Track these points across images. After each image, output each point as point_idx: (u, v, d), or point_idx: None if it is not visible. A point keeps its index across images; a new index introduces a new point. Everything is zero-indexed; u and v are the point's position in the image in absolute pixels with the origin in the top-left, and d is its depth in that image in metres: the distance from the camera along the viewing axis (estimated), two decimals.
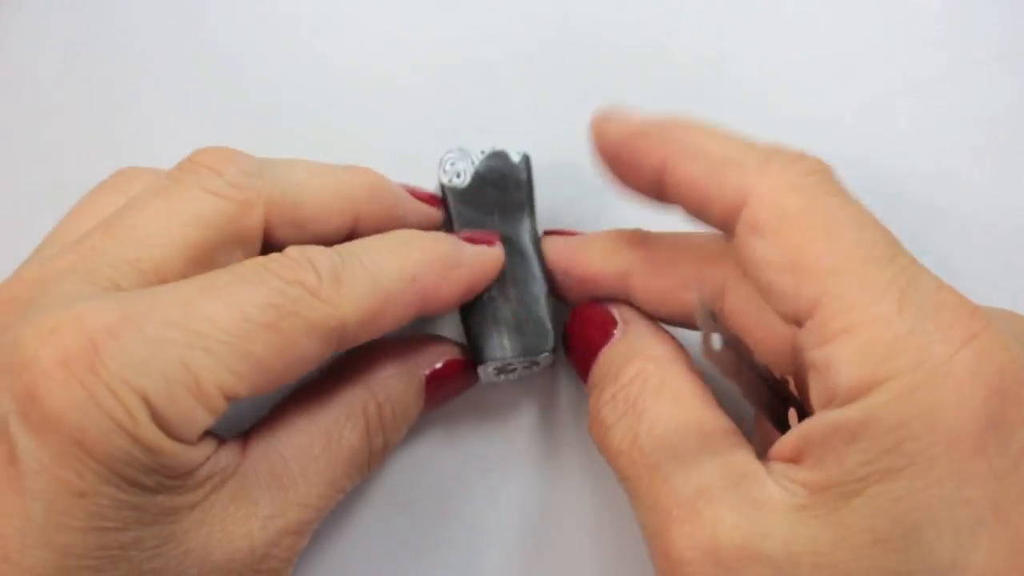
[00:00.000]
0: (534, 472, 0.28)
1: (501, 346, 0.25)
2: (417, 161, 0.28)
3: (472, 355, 0.26)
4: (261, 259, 0.21)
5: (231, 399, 0.20)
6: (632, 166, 0.23)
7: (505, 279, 0.26)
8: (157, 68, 0.31)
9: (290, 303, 0.20)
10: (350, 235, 0.24)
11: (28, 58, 0.31)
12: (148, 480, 0.19)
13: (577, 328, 0.26)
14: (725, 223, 0.21)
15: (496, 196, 0.27)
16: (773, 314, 0.20)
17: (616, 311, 0.25)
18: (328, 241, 0.23)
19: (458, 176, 0.27)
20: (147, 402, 0.18)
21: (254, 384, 0.20)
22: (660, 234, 0.25)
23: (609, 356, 0.24)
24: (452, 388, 0.26)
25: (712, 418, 0.22)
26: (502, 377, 0.27)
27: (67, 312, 0.18)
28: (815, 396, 0.19)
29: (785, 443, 0.19)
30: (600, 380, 0.24)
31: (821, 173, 0.20)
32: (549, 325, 0.26)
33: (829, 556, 0.18)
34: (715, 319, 0.19)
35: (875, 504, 0.17)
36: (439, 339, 0.26)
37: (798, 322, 0.19)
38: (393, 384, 0.24)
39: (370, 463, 0.24)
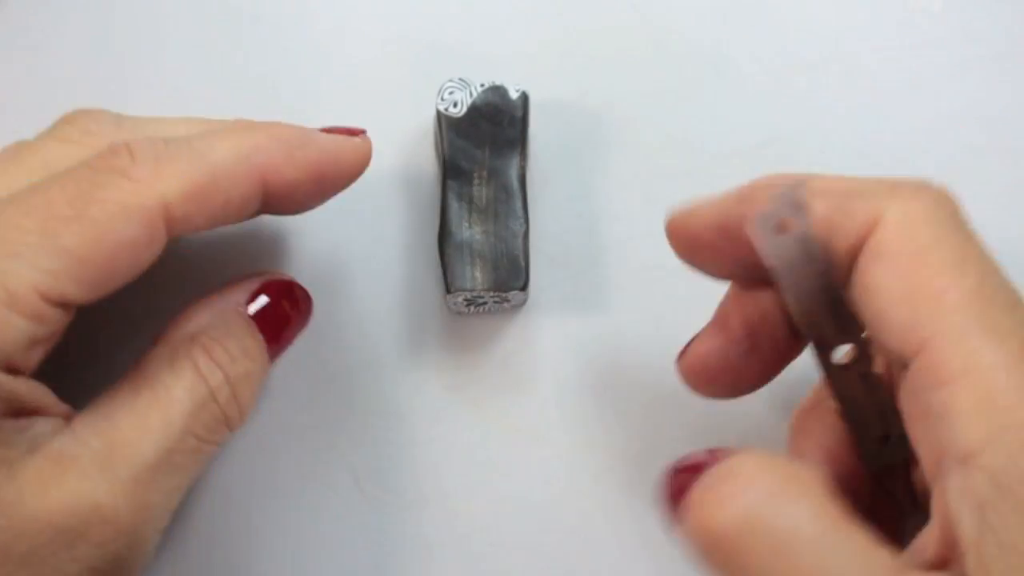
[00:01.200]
0: (535, 472, 0.28)
1: (472, 277, 0.26)
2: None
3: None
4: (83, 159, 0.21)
5: (62, 303, 0.19)
6: (738, 241, 0.20)
7: (486, 212, 0.27)
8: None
9: (98, 189, 0.19)
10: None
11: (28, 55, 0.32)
12: None
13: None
14: (853, 253, 0.19)
15: (490, 130, 0.28)
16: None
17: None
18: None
19: (455, 106, 0.28)
20: None
21: (80, 280, 0.19)
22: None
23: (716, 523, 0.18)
24: (283, 315, 0.25)
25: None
26: (471, 309, 0.27)
27: None
28: (923, 439, 0.18)
29: (926, 546, 0.18)
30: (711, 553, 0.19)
31: (952, 206, 0.19)
32: (523, 263, 0.26)
33: None
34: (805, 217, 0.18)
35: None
36: (259, 272, 0.25)
37: (902, 360, 0.18)
38: (212, 323, 0.23)
39: (219, 402, 0.22)
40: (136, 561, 0.21)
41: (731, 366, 0.22)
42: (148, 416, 0.21)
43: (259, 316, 0.24)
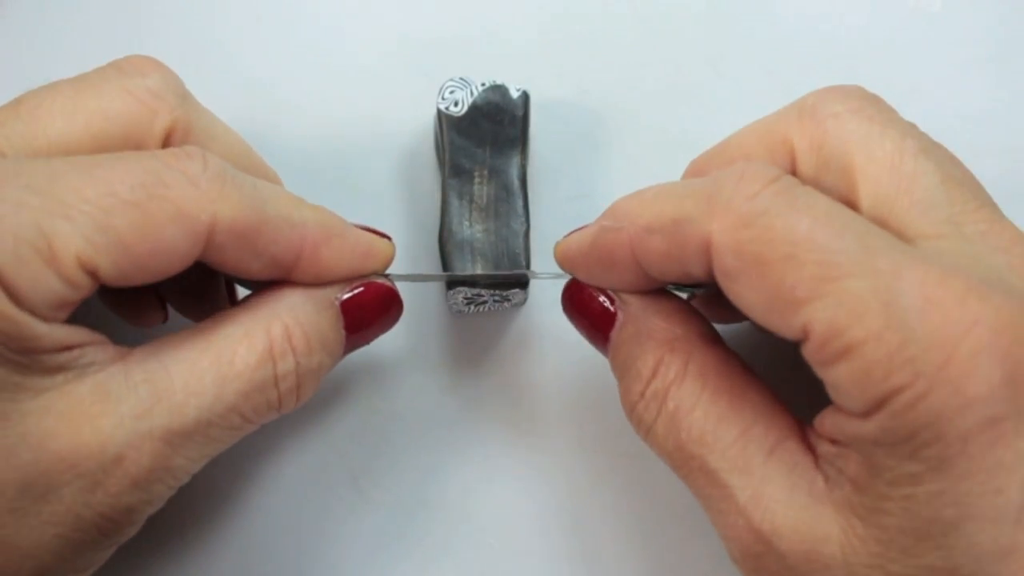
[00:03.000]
0: (535, 472, 0.28)
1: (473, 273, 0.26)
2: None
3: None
4: (152, 150, 0.21)
5: (92, 274, 0.19)
6: (617, 271, 0.22)
7: (487, 211, 0.27)
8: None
9: (162, 186, 0.20)
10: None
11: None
12: None
13: (576, 314, 0.24)
14: (707, 267, 0.20)
15: (490, 129, 0.28)
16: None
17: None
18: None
19: (456, 105, 0.28)
20: None
21: (116, 263, 0.19)
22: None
23: (621, 344, 0.23)
24: (374, 316, 0.24)
25: (745, 396, 0.21)
26: (471, 308, 0.27)
27: None
28: (834, 398, 0.19)
29: (824, 423, 0.19)
30: (621, 371, 0.23)
31: (766, 190, 0.19)
32: (524, 262, 0.26)
33: (880, 557, 0.18)
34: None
35: (910, 507, 0.17)
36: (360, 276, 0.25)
37: (799, 345, 0.19)
38: (302, 307, 0.23)
39: (280, 390, 0.22)
40: (144, 511, 0.21)
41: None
42: (203, 378, 0.21)
43: (348, 310, 0.24)
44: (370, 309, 0.24)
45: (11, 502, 0.19)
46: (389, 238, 0.25)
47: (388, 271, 0.25)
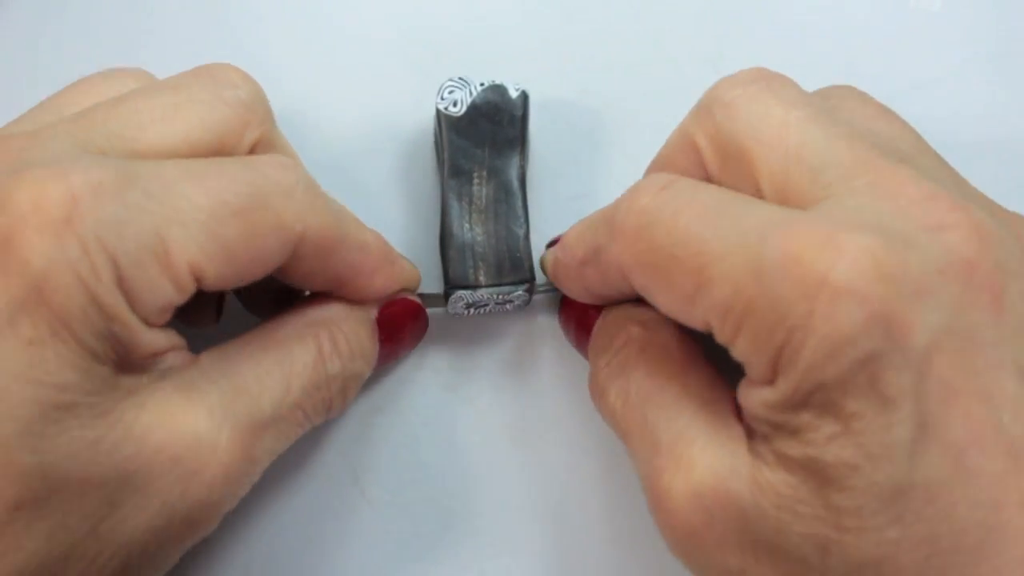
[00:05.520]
0: (535, 472, 0.28)
1: (476, 280, 0.26)
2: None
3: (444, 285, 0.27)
4: (245, 156, 0.22)
5: (198, 280, 0.20)
6: (580, 294, 0.25)
7: (486, 212, 0.27)
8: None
9: (265, 196, 0.21)
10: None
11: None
12: (97, 345, 0.18)
13: (570, 309, 0.26)
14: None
15: (489, 129, 0.28)
16: None
17: None
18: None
19: (454, 105, 0.28)
20: (115, 264, 0.18)
21: (220, 271, 0.20)
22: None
23: (602, 327, 0.25)
24: (405, 330, 0.27)
25: (693, 367, 0.22)
26: (472, 311, 0.27)
27: (54, 167, 0.19)
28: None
29: (741, 395, 0.20)
30: (596, 350, 0.25)
31: (652, 200, 0.20)
32: (526, 264, 0.26)
33: (789, 499, 0.18)
34: None
35: (810, 452, 0.18)
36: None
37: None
38: (346, 319, 0.25)
39: (330, 390, 0.24)
40: (227, 506, 0.22)
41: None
42: (271, 374, 0.22)
43: (383, 323, 0.26)
44: (400, 323, 0.26)
45: (112, 494, 0.19)
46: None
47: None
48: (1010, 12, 0.32)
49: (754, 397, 0.19)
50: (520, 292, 0.26)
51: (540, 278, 0.27)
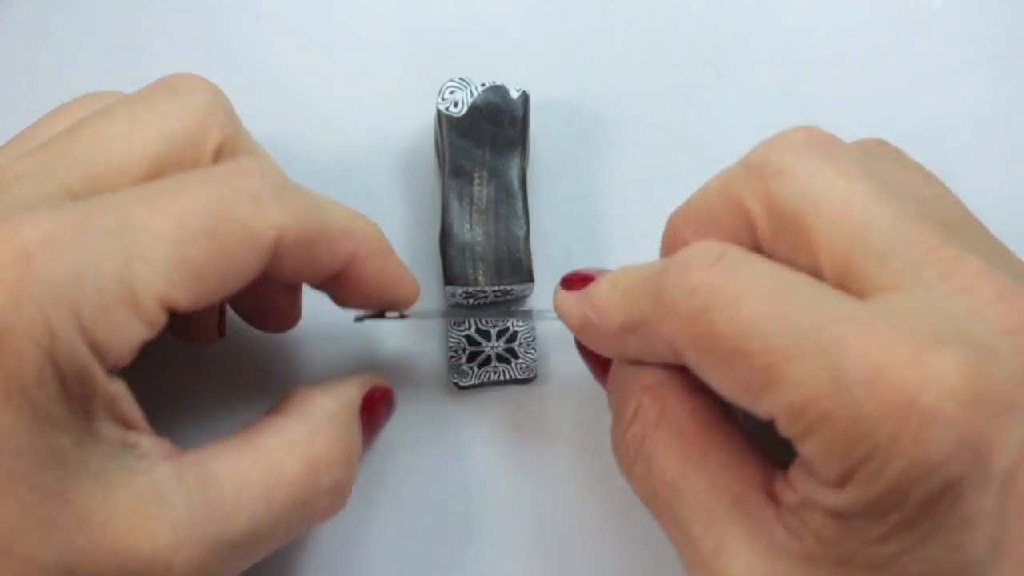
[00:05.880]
0: (535, 472, 0.28)
1: (475, 280, 0.26)
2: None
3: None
4: (208, 167, 0.21)
5: (170, 309, 0.19)
6: (610, 352, 0.23)
7: (487, 212, 0.27)
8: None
9: (228, 208, 0.20)
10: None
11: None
12: (55, 409, 0.18)
13: (585, 356, 0.25)
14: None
15: (490, 130, 0.28)
16: None
17: None
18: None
19: (455, 105, 0.28)
20: (77, 316, 0.18)
21: (193, 294, 0.19)
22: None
23: (613, 382, 0.23)
24: (378, 422, 0.26)
25: (717, 443, 0.21)
26: (472, 300, 0.27)
27: (5, 223, 0.18)
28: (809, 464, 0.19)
29: (798, 481, 0.19)
30: (612, 405, 0.23)
31: (706, 278, 0.19)
32: (525, 265, 0.27)
33: None
34: None
35: (875, 563, 0.18)
36: (361, 373, 0.26)
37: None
38: (339, 416, 0.23)
39: (318, 503, 0.22)
40: None
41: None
42: (253, 490, 0.21)
43: (364, 417, 0.24)
44: (380, 408, 0.25)
45: None
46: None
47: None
48: (1010, 12, 0.32)
49: (817, 495, 0.18)
50: (522, 285, 0.27)
51: (548, 304, 0.26)
